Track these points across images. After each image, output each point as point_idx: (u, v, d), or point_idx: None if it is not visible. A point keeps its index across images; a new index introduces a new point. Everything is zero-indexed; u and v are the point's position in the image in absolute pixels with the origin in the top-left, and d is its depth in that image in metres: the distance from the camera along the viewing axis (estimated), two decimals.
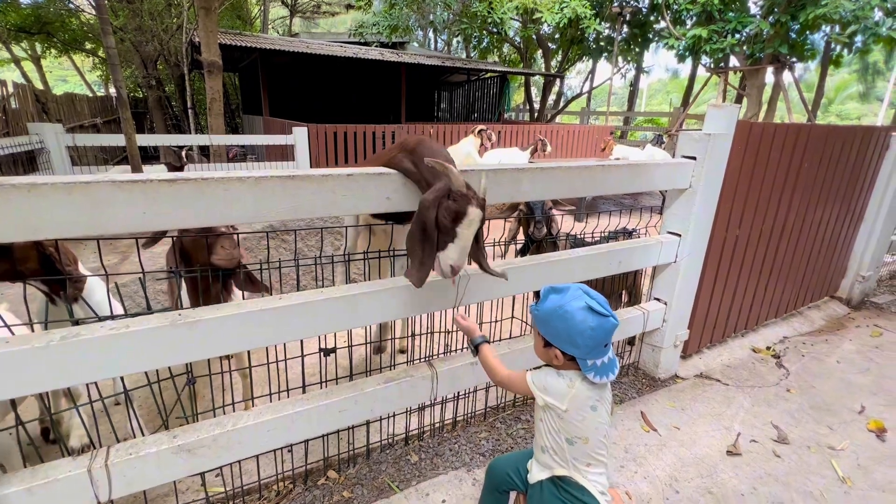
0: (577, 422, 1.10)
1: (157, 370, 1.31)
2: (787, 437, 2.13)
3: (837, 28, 8.38)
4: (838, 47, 8.77)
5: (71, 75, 20.68)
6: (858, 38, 7.86)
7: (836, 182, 3.10)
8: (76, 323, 1.17)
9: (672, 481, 1.82)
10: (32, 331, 1.17)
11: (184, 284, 1.53)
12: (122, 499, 1.44)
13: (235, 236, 1.48)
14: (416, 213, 1.28)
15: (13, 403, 1.15)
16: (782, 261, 3.02)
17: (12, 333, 1.16)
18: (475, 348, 1.36)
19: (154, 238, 1.38)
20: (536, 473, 1.20)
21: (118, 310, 1.34)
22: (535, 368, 1.20)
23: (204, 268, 1.43)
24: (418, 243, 1.28)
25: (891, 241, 3.94)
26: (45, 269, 1.31)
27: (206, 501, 1.55)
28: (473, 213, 1.23)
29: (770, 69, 9.16)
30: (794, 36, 8.62)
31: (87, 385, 1.51)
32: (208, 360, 1.39)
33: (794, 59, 8.75)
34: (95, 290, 1.52)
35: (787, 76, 9.70)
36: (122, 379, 1.26)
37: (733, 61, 9.85)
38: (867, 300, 3.90)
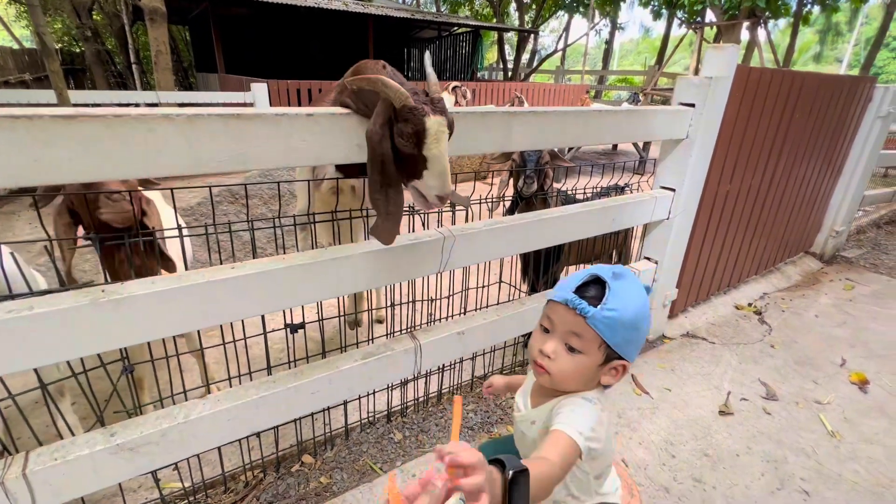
0: (608, 448, 0.85)
1: (81, 359, 1.08)
2: (776, 393, 2.11)
3: None
4: (810, 4, 8.71)
5: None
6: None
7: (822, 134, 3.03)
8: None
9: (668, 445, 1.76)
10: None
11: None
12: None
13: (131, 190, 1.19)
14: (368, 152, 1.03)
15: None
16: (766, 217, 2.97)
17: None
18: (513, 480, 0.63)
19: (49, 195, 1.10)
20: None
21: (22, 285, 1.08)
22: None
23: (103, 232, 1.15)
24: (379, 189, 1.04)
25: (863, 195, 3.98)
26: None
27: (160, 501, 1.36)
28: (434, 123, 0.98)
29: (745, 25, 9.04)
30: None
31: None
32: (148, 344, 1.16)
33: (770, 14, 8.64)
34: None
35: (760, 34, 9.61)
36: (35, 371, 1.02)
37: (710, 17, 9.66)
38: (838, 255, 3.97)
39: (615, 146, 9.22)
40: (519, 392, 1.00)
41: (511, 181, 1.91)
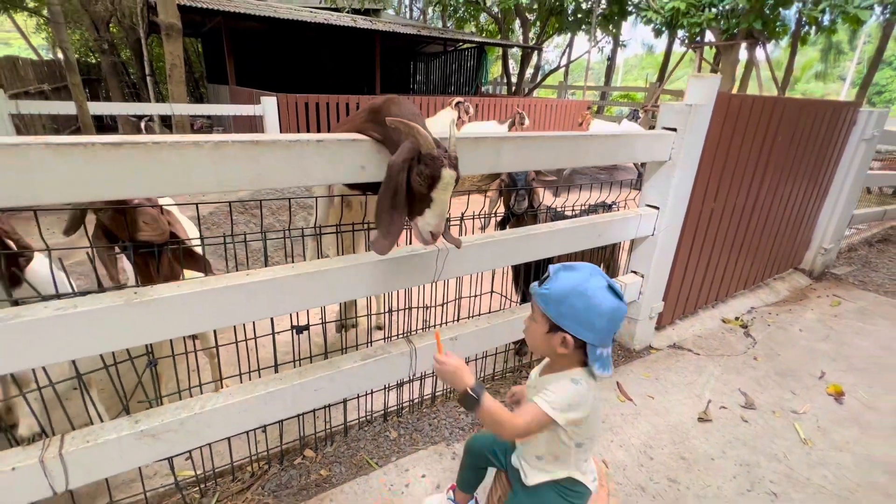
0: (592, 423, 1.03)
1: (113, 353, 1.22)
2: (754, 402, 2.21)
3: (810, 4, 8.47)
4: (807, 25, 8.90)
5: (14, 38, 18.98)
6: (826, 17, 7.99)
7: (806, 156, 3.16)
8: (16, 303, 1.06)
9: (646, 448, 1.87)
10: None
11: (128, 264, 1.41)
12: (83, 486, 1.37)
13: (158, 208, 1.34)
14: (385, 178, 1.19)
15: None
16: (752, 234, 3.09)
17: None
18: (476, 400, 0.98)
19: (75, 223, 1.24)
20: (534, 478, 1.11)
21: (67, 287, 1.22)
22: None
23: (140, 245, 1.30)
24: (387, 210, 1.20)
25: (852, 214, 4.10)
26: None
27: (175, 486, 1.49)
28: (448, 175, 1.15)
29: (744, 45, 9.23)
30: (768, 12, 8.68)
31: (35, 371, 1.40)
32: (170, 341, 1.30)
33: (768, 35, 8.83)
34: (38, 269, 1.39)
35: (759, 53, 9.81)
36: (74, 363, 1.16)
37: (709, 37, 9.87)
38: (828, 271, 4.07)
39: (615, 164, 9.38)
40: (535, 369, 1.19)
41: (501, 198, 2.05)
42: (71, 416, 1.22)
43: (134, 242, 1.26)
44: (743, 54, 9.81)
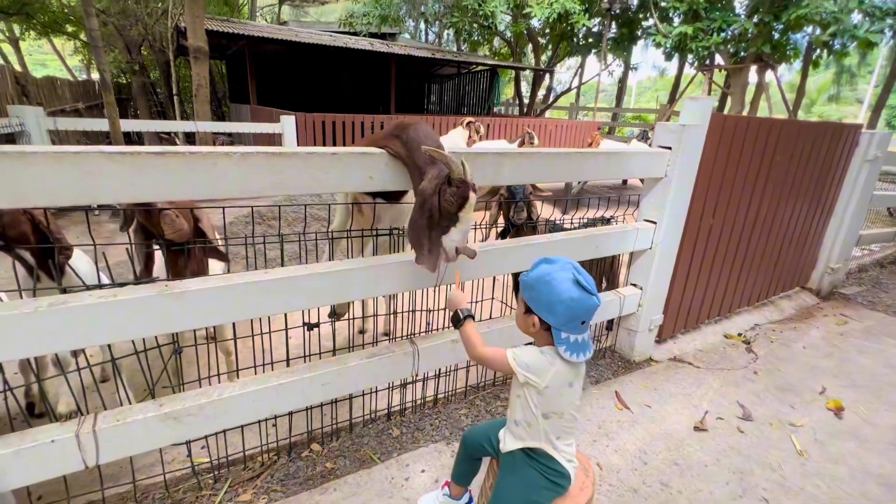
0: (554, 398, 1.15)
1: (143, 340, 1.35)
2: (752, 414, 2.24)
3: (819, 29, 8.59)
4: (817, 49, 9.00)
5: (51, 59, 20.10)
6: (837, 41, 8.09)
7: (807, 176, 3.22)
8: (64, 291, 1.20)
9: (641, 454, 1.92)
10: (21, 297, 1.20)
11: (160, 258, 1.57)
12: (109, 466, 1.49)
13: (186, 210, 1.53)
14: (420, 202, 1.32)
15: (0, 368, 1.19)
16: (755, 251, 3.15)
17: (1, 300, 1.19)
18: (461, 319, 1.30)
19: (129, 220, 1.41)
20: (509, 444, 1.23)
21: (105, 281, 1.37)
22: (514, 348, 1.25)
23: (168, 242, 1.48)
24: (424, 230, 1.33)
25: (859, 235, 4.11)
26: (35, 238, 1.33)
27: (191, 471, 1.60)
28: (473, 197, 1.30)
29: (753, 68, 9.36)
30: (777, 36, 8.82)
31: (74, 355, 1.54)
32: (194, 332, 1.43)
33: (778, 59, 8.95)
34: (79, 263, 1.55)
35: (769, 76, 9.91)
36: (109, 347, 1.29)
37: (718, 60, 10.03)
38: (836, 291, 4.07)
39: (625, 181, 9.47)
40: None
41: (501, 211, 2.17)
42: (99, 405, 1.35)
43: (164, 240, 1.42)
44: (753, 77, 9.94)
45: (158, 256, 1.69)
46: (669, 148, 2.26)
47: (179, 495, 1.55)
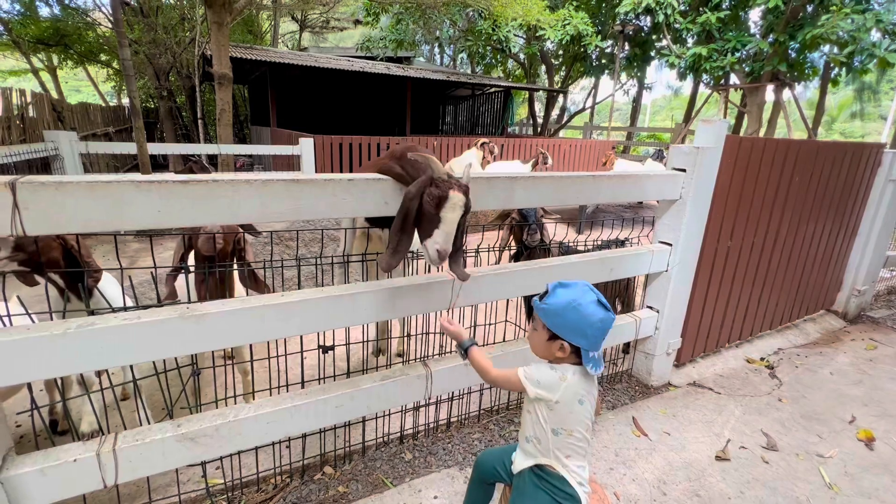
0: (564, 413, 1.16)
1: (164, 361, 1.38)
2: (777, 444, 2.16)
3: (836, 48, 8.52)
4: (836, 67, 8.90)
5: (84, 86, 21.20)
6: (857, 59, 8.00)
7: (828, 197, 3.16)
8: (91, 313, 1.25)
9: (660, 484, 1.86)
10: (52, 318, 1.25)
11: (191, 280, 1.63)
12: (127, 486, 1.51)
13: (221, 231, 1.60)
14: (401, 204, 1.35)
15: (29, 388, 1.23)
16: (776, 273, 3.08)
17: (33, 321, 1.24)
18: (465, 352, 1.36)
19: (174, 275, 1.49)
20: (520, 462, 1.25)
21: (129, 303, 1.42)
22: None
23: (208, 262, 1.53)
24: (397, 232, 1.35)
25: (886, 256, 3.99)
26: (65, 262, 1.40)
27: (206, 492, 1.61)
28: (456, 196, 1.30)
29: (770, 87, 9.30)
30: (793, 55, 8.77)
31: (98, 374, 1.59)
32: (213, 353, 1.46)
33: (795, 77, 8.88)
34: (106, 286, 1.61)
35: (787, 94, 9.83)
36: (131, 368, 1.33)
37: (734, 79, 10.00)
38: (863, 314, 3.93)
39: (640, 202, 9.40)
40: None
41: (512, 234, 2.19)
42: (118, 423, 1.38)
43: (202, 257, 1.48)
44: (770, 96, 9.86)
45: (180, 279, 1.76)
46: (684, 170, 2.25)
47: None
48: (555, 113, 15.33)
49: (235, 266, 1.71)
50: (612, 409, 2.36)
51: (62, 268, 1.40)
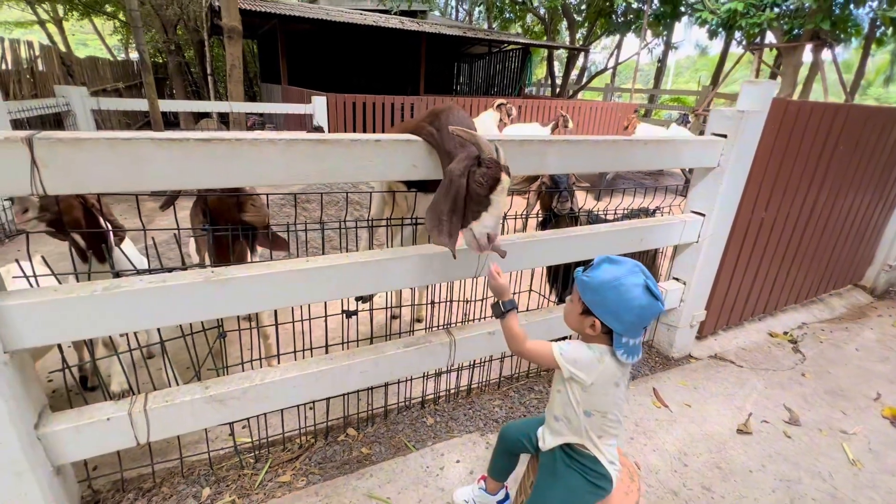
0: (599, 395, 1.11)
1: (190, 324, 1.37)
2: (799, 419, 2.14)
3: (885, 3, 7.88)
4: (882, 26, 8.27)
5: (91, 39, 20.70)
6: None
7: (871, 167, 2.99)
8: (116, 275, 1.22)
9: (681, 455, 1.86)
10: (77, 280, 1.23)
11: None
12: (158, 442, 1.54)
13: (263, 196, 1.52)
14: (446, 184, 1.26)
15: (60, 348, 1.23)
16: (807, 246, 2.96)
17: (59, 282, 1.22)
18: (503, 312, 1.24)
19: (170, 200, 1.42)
20: (549, 441, 1.21)
21: (148, 265, 1.39)
22: (555, 341, 1.19)
23: (233, 226, 1.48)
24: (447, 214, 1.26)
25: None
26: (87, 223, 1.36)
27: (234, 449, 1.64)
28: (506, 179, 1.23)
29: (808, 47, 8.71)
30: (837, 11, 8.14)
31: (126, 336, 1.59)
32: (238, 317, 1.45)
33: (837, 37, 8.28)
34: (127, 247, 1.59)
35: (826, 55, 9.21)
36: (158, 330, 1.32)
37: (769, 38, 9.38)
38: (892, 290, 3.82)
39: (661, 169, 9.10)
40: None
41: (539, 200, 2.10)
42: (146, 381, 1.38)
43: (234, 224, 1.42)
44: (807, 56, 9.25)
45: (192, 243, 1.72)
46: (725, 136, 2.11)
47: (223, 472, 1.60)
48: (574, 73, 14.65)
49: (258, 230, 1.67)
50: (632, 380, 2.35)
51: (83, 227, 1.37)
